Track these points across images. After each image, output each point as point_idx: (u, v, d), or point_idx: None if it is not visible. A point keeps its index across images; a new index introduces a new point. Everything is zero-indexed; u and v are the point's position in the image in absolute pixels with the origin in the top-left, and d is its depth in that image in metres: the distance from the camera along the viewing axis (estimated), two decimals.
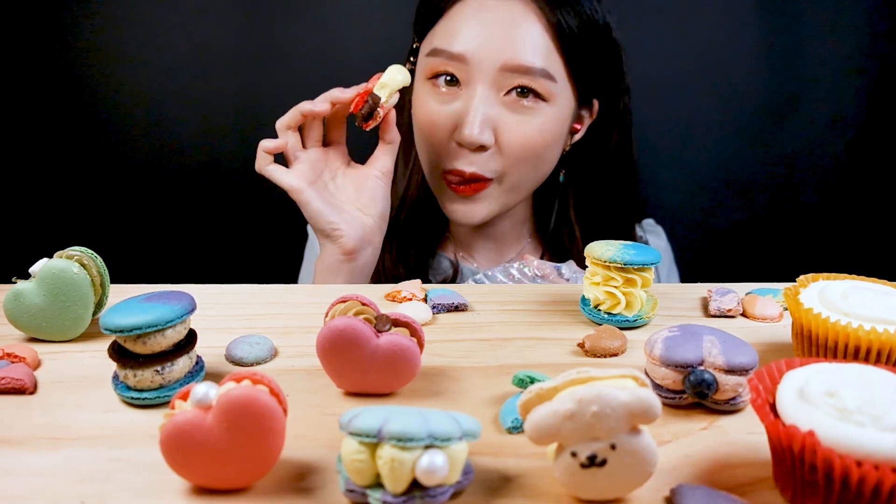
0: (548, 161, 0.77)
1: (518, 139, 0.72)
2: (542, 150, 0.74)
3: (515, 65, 0.71)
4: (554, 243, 0.85)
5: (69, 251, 0.50)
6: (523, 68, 0.71)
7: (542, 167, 0.77)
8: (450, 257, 0.85)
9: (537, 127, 0.73)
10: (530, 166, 0.75)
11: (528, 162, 0.74)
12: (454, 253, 0.86)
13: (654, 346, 0.41)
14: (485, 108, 0.71)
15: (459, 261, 0.85)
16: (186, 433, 0.32)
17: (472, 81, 0.72)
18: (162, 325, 0.39)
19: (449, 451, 0.30)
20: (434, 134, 0.75)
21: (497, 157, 0.73)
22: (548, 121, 0.73)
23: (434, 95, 0.75)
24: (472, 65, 0.72)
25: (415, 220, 0.84)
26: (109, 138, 0.98)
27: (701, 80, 0.99)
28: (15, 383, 0.42)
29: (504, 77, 0.71)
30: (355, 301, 0.43)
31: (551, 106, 0.73)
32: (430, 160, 0.77)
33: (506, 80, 0.71)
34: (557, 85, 0.73)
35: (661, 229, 0.92)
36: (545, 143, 0.74)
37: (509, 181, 0.75)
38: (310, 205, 0.68)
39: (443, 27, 0.74)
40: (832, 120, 1.00)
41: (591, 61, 0.75)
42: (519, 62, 0.71)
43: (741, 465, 0.36)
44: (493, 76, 0.71)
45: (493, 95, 0.72)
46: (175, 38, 0.96)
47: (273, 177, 0.69)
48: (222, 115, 0.99)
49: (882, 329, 0.41)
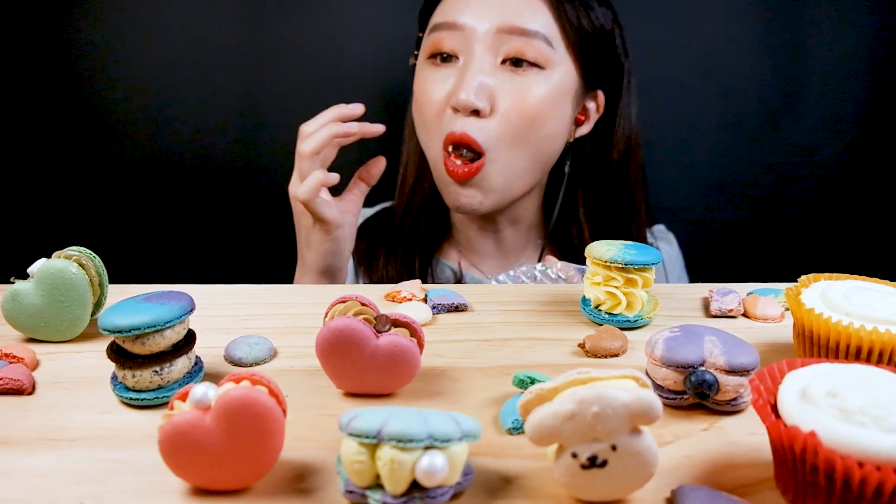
0: (547, 139, 0.75)
1: (515, 105, 0.71)
2: (538, 121, 0.72)
3: (510, 26, 0.71)
4: (563, 247, 0.83)
5: (67, 251, 0.49)
6: (519, 30, 0.71)
7: (541, 145, 0.74)
8: (452, 266, 0.84)
9: (535, 94, 0.72)
10: (524, 138, 0.73)
11: (523, 131, 0.72)
12: (458, 261, 0.85)
13: (655, 347, 0.41)
14: (481, 74, 0.71)
15: (463, 269, 0.84)
16: (185, 434, 0.31)
17: (468, 49, 0.72)
18: (161, 325, 0.39)
19: (449, 451, 0.30)
20: (433, 110, 0.74)
21: (492, 123, 0.71)
22: (546, 90, 0.72)
23: (432, 72, 0.75)
24: (468, 31, 0.72)
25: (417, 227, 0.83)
26: (107, 137, 0.98)
27: (701, 79, 0.99)
28: (13, 384, 0.42)
29: (500, 40, 0.71)
30: (355, 301, 0.43)
31: (549, 74, 0.73)
32: (429, 139, 0.75)
33: (502, 43, 0.71)
34: (555, 52, 0.73)
35: (673, 236, 0.91)
36: (542, 113, 0.72)
37: (505, 157, 0.73)
38: (340, 243, 0.71)
39: (443, 6, 0.76)
40: (833, 119, 1.00)
41: (592, 37, 0.75)
42: (514, 24, 0.71)
43: (742, 466, 0.36)
44: (489, 41, 0.71)
45: (490, 61, 0.72)
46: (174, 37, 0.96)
47: (318, 210, 0.68)
48: (222, 115, 0.98)
49: (884, 329, 0.41)
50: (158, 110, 0.97)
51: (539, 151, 0.75)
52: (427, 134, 0.76)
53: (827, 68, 0.99)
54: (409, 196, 0.84)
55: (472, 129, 0.71)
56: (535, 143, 0.74)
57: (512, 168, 0.74)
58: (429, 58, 0.75)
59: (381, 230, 0.85)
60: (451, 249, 0.86)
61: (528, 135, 0.73)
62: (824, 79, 0.99)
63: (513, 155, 0.73)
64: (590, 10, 0.75)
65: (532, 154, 0.74)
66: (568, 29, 0.73)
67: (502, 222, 0.82)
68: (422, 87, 0.75)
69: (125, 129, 0.98)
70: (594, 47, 0.76)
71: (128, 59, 0.95)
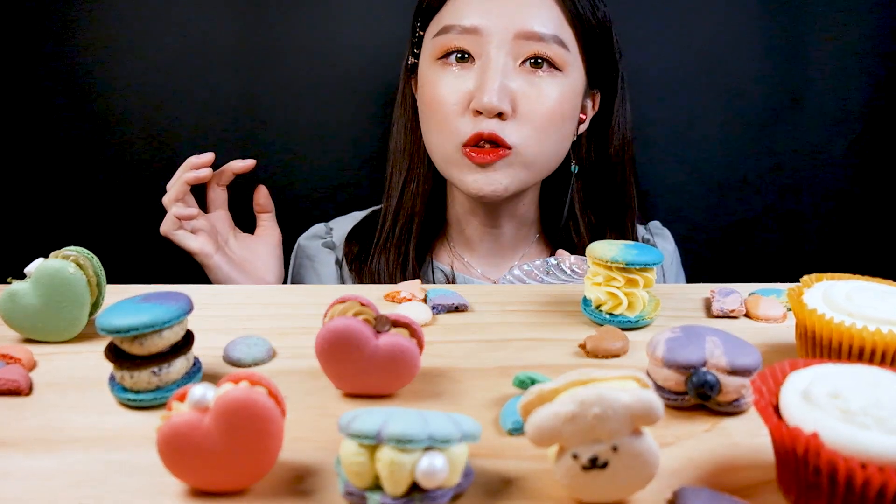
0: (563, 137, 0.76)
1: (537, 107, 0.72)
2: (559, 121, 0.74)
3: (529, 31, 0.71)
4: (558, 243, 0.83)
5: (65, 251, 0.49)
6: (537, 35, 0.71)
7: (558, 143, 0.76)
8: (444, 268, 0.84)
9: (555, 96, 0.73)
10: (547, 137, 0.74)
11: (545, 132, 0.73)
12: (450, 264, 0.84)
13: (656, 347, 0.41)
14: (502, 76, 0.71)
15: (456, 272, 0.83)
16: (184, 435, 0.31)
17: (485, 53, 0.72)
18: (159, 325, 0.39)
19: (449, 453, 0.30)
20: (449, 111, 0.73)
21: (514, 126, 0.72)
22: (564, 91, 0.74)
23: (446, 73, 0.74)
24: (485, 36, 0.72)
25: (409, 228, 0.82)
26: (105, 137, 0.98)
27: (703, 78, 0.99)
28: (10, 385, 0.41)
29: (519, 45, 0.71)
30: (354, 301, 0.43)
31: (566, 76, 0.74)
32: (444, 140, 0.74)
33: (521, 48, 0.72)
34: (570, 55, 0.74)
35: (668, 232, 0.91)
36: (563, 113, 0.74)
37: (527, 153, 0.73)
38: (220, 269, 0.75)
39: (450, 7, 0.75)
40: (837, 118, 1.00)
41: (597, 40, 0.76)
42: (532, 29, 0.71)
43: (744, 468, 0.36)
44: (507, 45, 0.71)
45: (510, 65, 0.72)
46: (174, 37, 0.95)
47: (181, 242, 0.75)
48: (221, 115, 0.98)
49: (887, 330, 0.40)
50: (158, 110, 0.97)
51: (555, 151, 0.77)
52: (440, 134, 0.75)
53: (830, 67, 0.98)
54: (399, 197, 0.83)
55: (497, 130, 0.72)
56: (553, 143, 0.75)
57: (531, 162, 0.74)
58: (439, 58, 0.75)
59: (371, 234, 0.84)
60: (442, 251, 0.86)
61: (548, 136, 0.74)
62: (827, 78, 0.99)
63: (534, 150, 0.74)
64: (594, 6, 0.75)
65: (549, 149, 0.75)
66: (579, 28, 0.74)
67: (504, 217, 0.82)
68: (433, 88, 0.75)
69: (123, 128, 0.97)
70: (598, 44, 0.77)
71: (127, 59, 0.95)
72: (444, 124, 0.74)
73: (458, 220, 0.84)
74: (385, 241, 0.82)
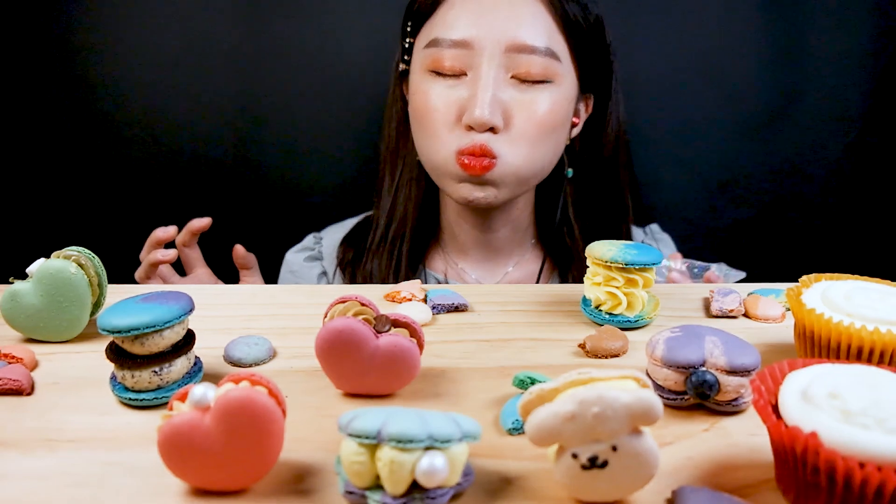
0: (556, 146, 0.76)
1: (530, 119, 0.71)
2: (550, 132, 0.73)
3: (520, 44, 0.70)
4: (557, 247, 0.83)
5: (66, 251, 0.49)
6: (529, 48, 0.70)
7: (551, 152, 0.76)
8: (437, 276, 0.83)
9: (546, 108, 0.72)
10: (540, 148, 0.73)
11: (538, 143, 0.73)
12: (444, 271, 0.84)
13: (655, 347, 0.41)
14: (493, 90, 0.70)
15: (449, 278, 0.83)
16: (184, 435, 0.31)
17: (476, 66, 0.71)
18: (160, 325, 0.39)
19: (449, 452, 0.30)
20: (441, 123, 0.73)
21: (506, 139, 0.72)
22: (555, 101, 0.73)
23: (437, 85, 0.73)
24: (476, 49, 0.71)
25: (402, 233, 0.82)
26: (106, 137, 0.98)
27: (701, 78, 0.99)
28: (11, 384, 0.41)
29: (510, 58, 0.71)
30: (354, 301, 0.43)
31: (558, 87, 0.73)
32: (435, 149, 0.74)
33: (512, 61, 0.71)
34: (562, 65, 0.73)
35: (669, 237, 0.91)
36: (555, 123, 0.73)
37: (519, 165, 0.73)
38: None
39: (441, 17, 0.73)
40: (835, 119, 1.00)
41: (590, 45, 0.75)
42: (524, 42, 0.70)
43: (743, 467, 0.36)
44: (498, 58, 0.71)
45: (501, 77, 0.71)
46: (173, 36, 0.96)
47: None
48: (221, 115, 0.98)
49: (886, 330, 0.41)
50: (158, 110, 0.97)
51: (548, 159, 0.76)
52: (434, 144, 0.74)
53: (829, 67, 0.99)
54: (392, 201, 0.82)
55: (488, 142, 0.71)
56: (546, 151, 0.75)
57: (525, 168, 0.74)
58: (431, 70, 0.74)
59: (365, 238, 0.84)
60: (436, 257, 0.85)
61: (541, 147, 0.74)
62: (827, 77, 0.99)
63: (527, 159, 0.73)
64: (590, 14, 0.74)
65: (542, 159, 0.75)
66: (572, 35, 0.73)
67: (497, 222, 0.81)
68: (424, 98, 0.74)
69: (124, 128, 0.98)
70: (590, 49, 0.76)
71: (127, 59, 0.95)
72: (435, 136, 0.74)
73: (451, 226, 0.84)
74: (378, 245, 0.82)
